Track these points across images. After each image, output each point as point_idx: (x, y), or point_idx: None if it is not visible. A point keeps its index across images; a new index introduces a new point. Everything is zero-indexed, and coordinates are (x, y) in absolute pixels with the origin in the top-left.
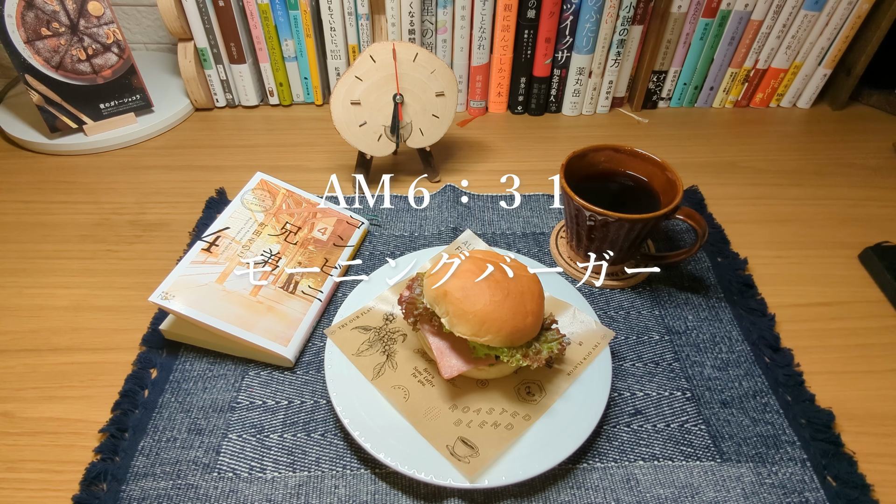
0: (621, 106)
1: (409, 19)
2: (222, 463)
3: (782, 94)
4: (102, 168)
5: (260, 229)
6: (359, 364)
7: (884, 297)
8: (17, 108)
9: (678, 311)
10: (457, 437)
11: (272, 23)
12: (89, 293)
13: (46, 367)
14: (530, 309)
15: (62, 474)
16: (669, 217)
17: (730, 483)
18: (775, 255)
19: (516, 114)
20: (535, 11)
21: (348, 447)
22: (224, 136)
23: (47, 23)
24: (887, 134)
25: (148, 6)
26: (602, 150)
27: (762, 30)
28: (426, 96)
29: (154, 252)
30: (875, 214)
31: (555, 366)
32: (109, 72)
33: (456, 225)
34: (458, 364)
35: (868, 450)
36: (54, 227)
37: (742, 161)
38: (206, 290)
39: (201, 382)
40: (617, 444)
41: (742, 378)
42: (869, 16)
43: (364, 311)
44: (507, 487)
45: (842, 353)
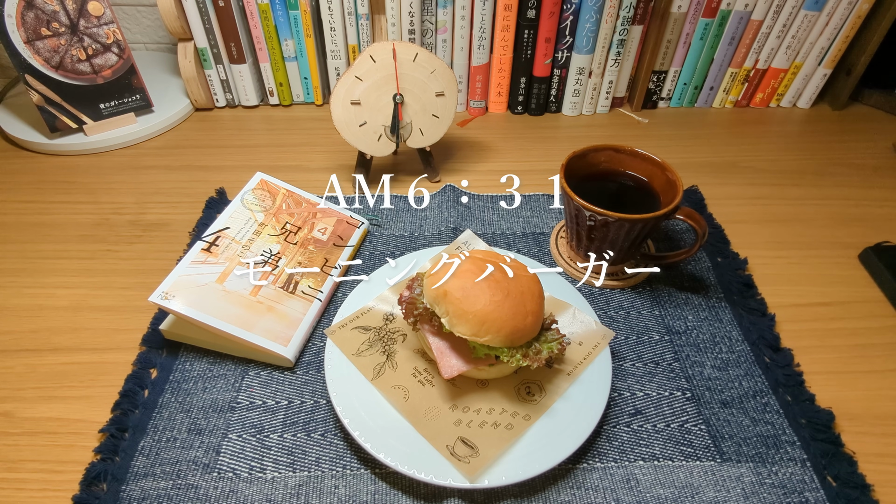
0: (621, 106)
1: (409, 19)
2: (222, 463)
3: (782, 94)
4: (102, 168)
5: (260, 229)
6: (359, 364)
7: (884, 297)
8: (17, 108)
9: (678, 311)
10: (457, 437)
11: (272, 23)
12: (89, 293)
13: (46, 367)
14: (530, 309)
15: (62, 474)
16: (669, 217)
17: (730, 483)
18: (775, 255)
19: (516, 114)
20: (535, 11)
21: (348, 447)
22: (224, 136)
23: (47, 23)
24: (887, 134)
25: (148, 6)
26: (602, 150)
27: (762, 30)
28: (426, 96)
29: (154, 252)
30: (875, 214)
31: (555, 366)
32: (109, 72)
33: (456, 225)
34: (458, 364)
35: (868, 450)
36: (54, 227)
37: (742, 161)
38: (206, 290)
39: (201, 382)
40: (617, 444)
41: (742, 378)
42: (869, 16)
43: (364, 311)
44: (507, 487)
45: (842, 353)
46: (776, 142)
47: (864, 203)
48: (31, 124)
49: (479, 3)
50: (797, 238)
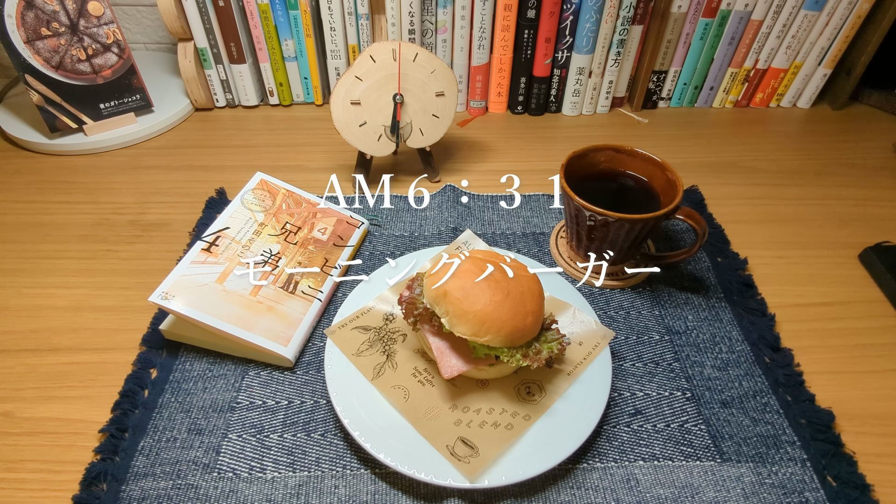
0: (621, 106)
1: (409, 19)
2: (222, 463)
3: (782, 94)
4: (102, 168)
5: (260, 229)
6: (359, 364)
7: (884, 297)
8: (17, 108)
9: (678, 311)
10: (457, 437)
11: (272, 23)
12: (89, 293)
13: (46, 367)
14: (530, 309)
15: (62, 474)
16: (669, 217)
17: (730, 483)
18: (775, 255)
19: (516, 114)
20: (535, 11)
21: (348, 447)
22: (224, 136)
23: (47, 23)
24: (887, 134)
25: (148, 6)
26: (602, 150)
27: (762, 30)
28: (426, 96)
29: (154, 252)
30: (875, 214)
31: (555, 366)
32: (109, 72)
33: (456, 225)
34: (458, 364)
35: (868, 450)
36: (54, 227)
37: (742, 161)
38: (206, 290)
39: (201, 382)
40: (617, 444)
41: (742, 378)
42: (869, 16)
43: (364, 311)
44: (507, 487)
45: (842, 353)
46: (776, 142)
47: (864, 203)
48: (31, 124)
49: (479, 3)
50: (797, 238)
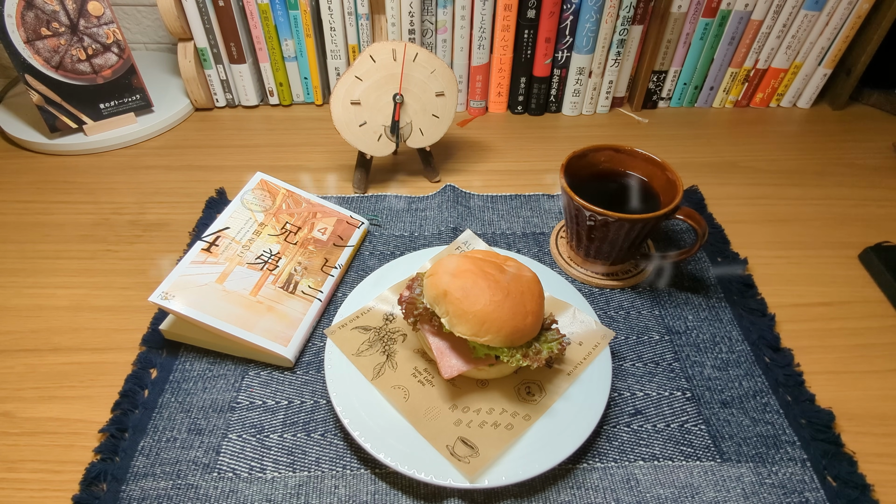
0: (621, 106)
1: (409, 19)
2: (222, 463)
3: (782, 94)
4: (102, 168)
5: (260, 229)
6: (359, 364)
7: (884, 297)
8: (17, 108)
9: (678, 311)
10: (457, 437)
11: (272, 23)
12: (89, 293)
13: (46, 367)
14: (530, 309)
15: (62, 474)
16: (669, 217)
17: (730, 483)
18: (775, 255)
19: (516, 114)
20: (535, 11)
21: (348, 447)
22: (224, 136)
23: (47, 23)
24: (887, 134)
25: (148, 6)
26: (602, 150)
27: (762, 30)
28: (426, 96)
29: (154, 252)
30: (875, 214)
31: (555, 366)
32: (109, 72)
33: (456, 225)
34: (458, 364)
35: (868, 450)
36: (54, 227)
37: (742, 161)
38: (205, 290)
39: (201, 382)
40: (617, 444)
41: (742, 378)
42: (869, 16)
43: (364, 311)
44: (507, 487)
45: (842, 353)
46: (776, 142)
47: (864, 203)
48: (31, 124)
49: (479, 3)
50: (797, 238)
